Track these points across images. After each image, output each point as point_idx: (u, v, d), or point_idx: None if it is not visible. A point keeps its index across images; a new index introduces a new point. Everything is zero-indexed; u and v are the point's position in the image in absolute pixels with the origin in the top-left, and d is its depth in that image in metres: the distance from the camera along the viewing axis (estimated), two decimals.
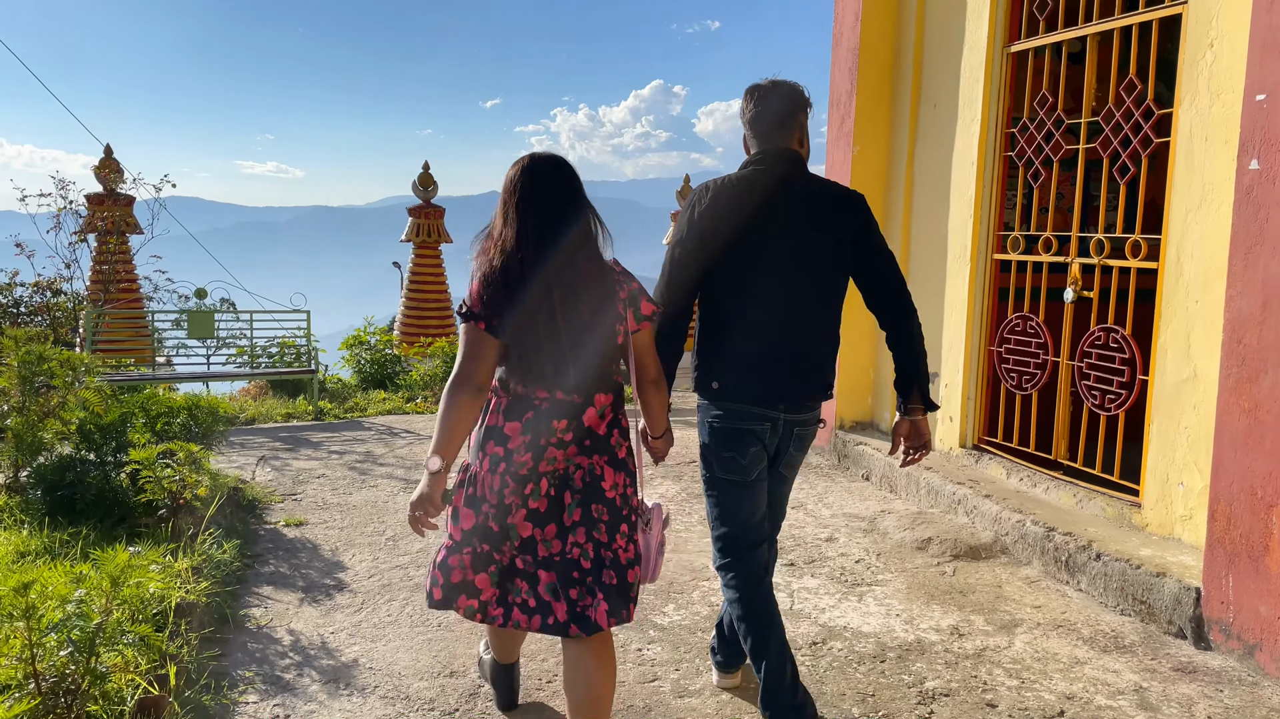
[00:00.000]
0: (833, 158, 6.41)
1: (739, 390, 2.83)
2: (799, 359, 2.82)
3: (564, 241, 2.43)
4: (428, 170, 14.34)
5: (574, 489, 2.51)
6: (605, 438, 2.56)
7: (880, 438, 6.22)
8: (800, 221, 2.79)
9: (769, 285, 2.78)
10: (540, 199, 2.44)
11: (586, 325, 2.45)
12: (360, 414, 8.77)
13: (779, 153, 2.85)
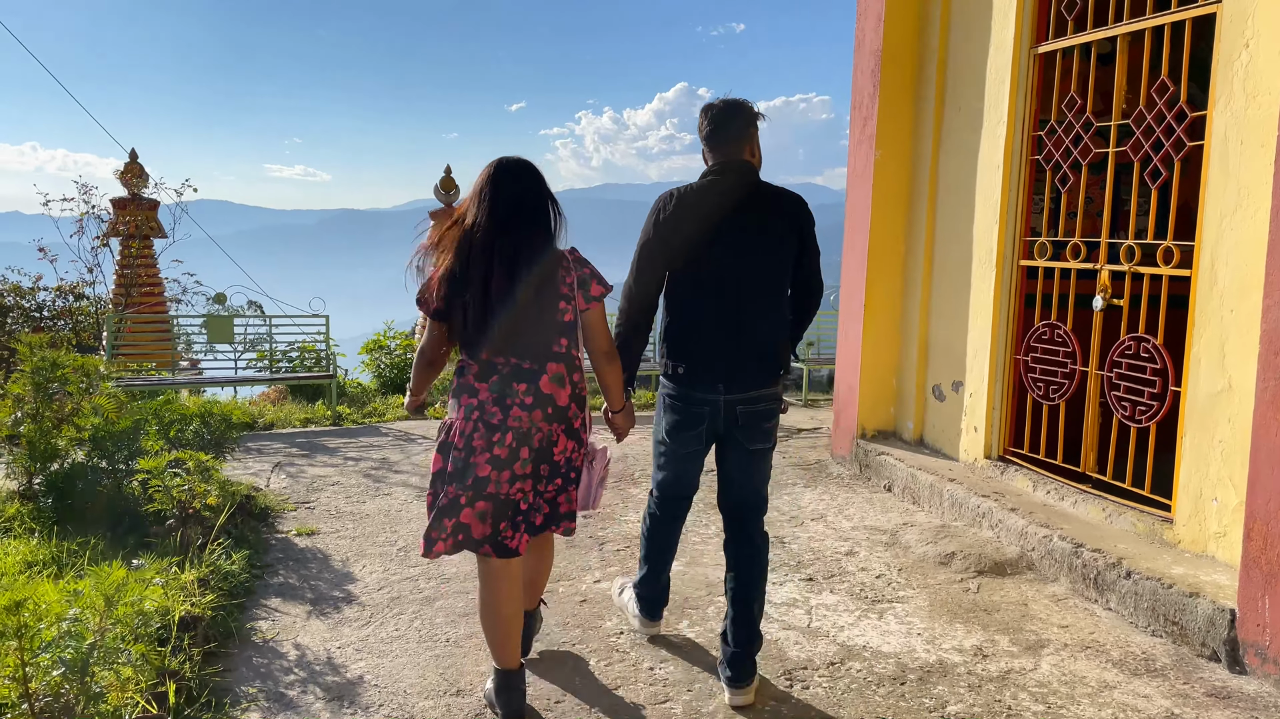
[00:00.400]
0: (855, 161, 6.29)
1: (690, 374, 3.23)
2: (746, 347, 3.19)
3: (519, 230, 2.87)
4: (449, 174, 14.32)
5: (531, 448, 2.94)
6: (564, 408, 2.98)
7: (903, 447, 6.09)
8: (749, 225, 3.18)
9: (720, 281, 3.17)
10: (504, 194, 2.88)
11: (531, 302, 2.86)
12: (378, 419, 8.73)
13: (732, 164, 3.24)
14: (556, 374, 2.95)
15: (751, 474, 3.33)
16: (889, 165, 6.08)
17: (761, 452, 3.32)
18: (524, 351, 2.91)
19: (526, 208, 2.91)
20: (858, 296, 6.23)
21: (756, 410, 3.24)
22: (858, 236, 6.23)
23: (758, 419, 3.26)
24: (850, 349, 6.36)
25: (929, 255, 5.97)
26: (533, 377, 2.92)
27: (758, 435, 3.28)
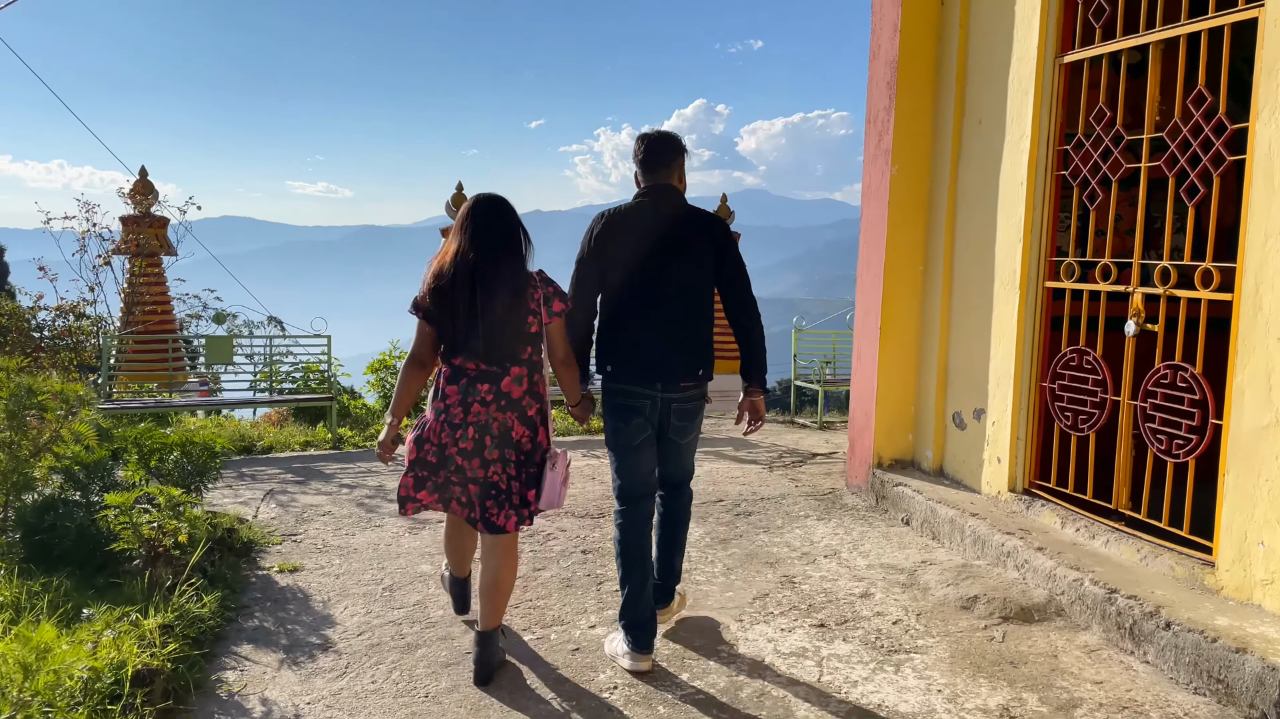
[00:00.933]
0: (870, 177, 6.01)
1: (625, 373, 3.63)
2: (671, 348, 3.60)
3: (493, 255, 3.36)
4: (461, 190, 14.10)
5: (492, 435, 3.41)
6: (518, 400, 3.44)
7: (922, 478, 5.77)
8: (672, 242, 3.59)
9: (648, 291, 3.59)
10: (481, 225, 3.40)
11: (500, 317, 3.34)
12: (365, 447, 8.49)
13: (660, 188, 3.68)
14: (518, 375, 3.46)
15: (680, 460, 3.82)
16: (906, 181, 5.80)
17: (689, 442, 3.80)
18: (493, 358, 3.40)
19: (500, 237, 3.42)
20: (873, 317, 5.94)
21: (685, 408, 3.68)
22: (873, 254, 5.95)
23: (689, 415, 3.71)
24: (865, 372, 6.07)
25: (948, 275, 5.67)
26: (496, 378, 3.42)
27: (688, 429, 3.74)
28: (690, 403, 3.69)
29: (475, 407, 3.40)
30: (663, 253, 3.59)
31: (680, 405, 3.66)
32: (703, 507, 5.94)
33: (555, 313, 3.48)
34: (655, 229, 3.60)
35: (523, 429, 3.49)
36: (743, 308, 3.71)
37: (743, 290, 3.71)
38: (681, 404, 3.66)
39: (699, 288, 3.65)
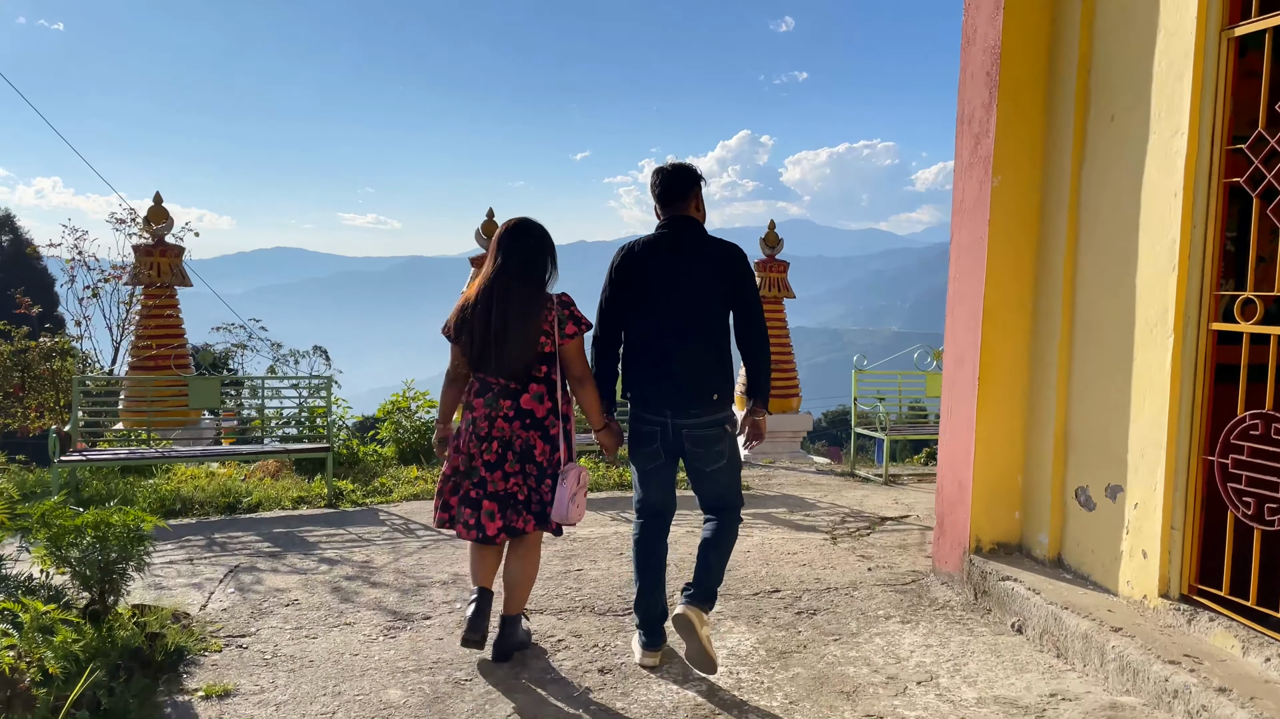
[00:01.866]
0: (963, 191, 4.86)
1: (640, 400, 3.81)
2: (682, 377, 3.71)
3: (510, 278, 3.68)
4: (492, 218, 13.20)
5: (514, 452, 3.74)
6: (541, 419, 3.75)
7: (1036, 569, 4.55)
8: (688, 272, 3.73)
9: (661, 319, 3.74)
10: (503, 250, 3.74)
11: (513, 336, 3.64)
12: (382, 500, 7.43)
13: (677, 220, 3.83)
14: (537, 393, 3.72)
15: (711, 486, 3.90)
16: (1011, 194, 4.63)
17: (717, 471, 3.84)
18: (510, 374, 3.67)
19: (523, 262, 3.70)
20: (969, 365, 4.76)
21: (700, 435, 3.77)
22: (968, 287, 4.78)
23: (704, 443, 3.78)
24: (958, 433, 4.88)
25: (1068, 312, 4.49)
26: (516, 394, 3.69)
27: (708, 457, 3.81)
28: (704, 429, 3.76)
29: (499, 422, 3.70)
30: (676, 282, 3.74)
31: (693, 432, 3.76)
32: (756, 600, 4.77)
33: (567, 335, 3.70)
34: (670, 260, 3.76)
35: (545, 446, 3.75)
36: (750, 335, 3.83)
37: (753, 319, 3.82)
38: (694, 431, 3.76)
39: (712, 316, 3.75)
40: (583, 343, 3.76)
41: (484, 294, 3.65)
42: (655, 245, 3.79)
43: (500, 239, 3.72)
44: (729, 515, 3.91)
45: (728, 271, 3.75)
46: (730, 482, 3.89)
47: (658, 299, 3.74)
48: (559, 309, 3.69)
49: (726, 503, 3.89)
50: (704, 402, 3.73)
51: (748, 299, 3.80)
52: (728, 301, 3.77)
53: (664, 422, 3.76)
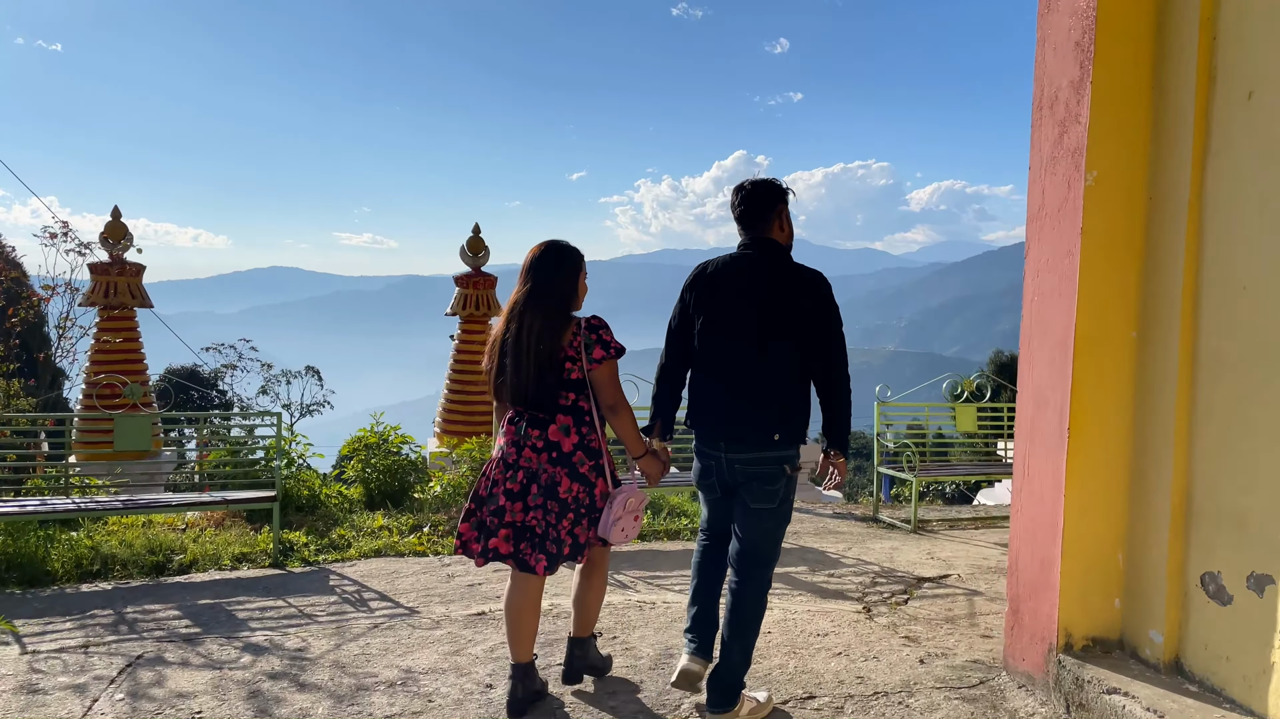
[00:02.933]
0: (1044, 192, 3.87)
1: (699, 429, 3.68)
2: (740, 410, 3.52)
3: (531, 302, 3.52)
4: (478, 234, 12.24)
5: (540, 485, 3.56)
6: (569, 454, 3.55)
7: (1150, 678, 3.51)
8: (758, 300, 3.52)
9: (728, 349, 3.56)
10: (527, 273, 3.58)
11: (536, 362, 3.48)
12: (337, 557, 6.40)
13: (758, 241, 3.62)
14: (564, 424, 3.55)
15: (749, 528, 3.61)
16: (1110, 194, 3.65)
17: (761, 511, 3.59)
18: (535, 403, 3.52)
19: (545, 286, 3.54)
20: (1055, 409, 3.76)
21: (755, 471, 3.55)
22: (1053, 311, 3.79)
23: (758, 480, 3.55)
24: (1040, 495, 3.87)
25: (1189, 346, 3.49)
26: (544, 424, 3.55)
27: (759, 495, 3.57)
28: (760, 467, 3.55)
29: (527, 451, 3.55)
30: (744, 310, 3.53)
31: (747, 468, 3.56)
32: (786, 712, 3.74)
33: (595, 360, 3.51)
34: (741, 285, 3.56)
35: (572, 485, 3.55)
36: (827, 373, 3.56)
37: (830, 356, 3.55)
38: (748, 467, 3.55)
39: (782, 349, 3.51)
40: (614, 368, 3.56)
41: (508, 321, 3.57)
42: (727, 268, 3.61)
43: (526, 264, 3.60)
44: (757, 574, 3.62)
45: (803, 302, 3.49)
46: (770, 529, 3.62)
47: (724, 326, 3.56)
48: (586, 333, 3.52)
49: (758, 555, 3.62)
50: (763, 438, 3.51)
51: (825, 334, 3.51)
52: (801, 334, 3.49)
53: (719, 456, 3.59)
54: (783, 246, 3.63)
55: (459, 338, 12.07)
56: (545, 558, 3.54)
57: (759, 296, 3.49)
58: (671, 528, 7.42)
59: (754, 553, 3.60)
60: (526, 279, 3.56)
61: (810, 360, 3.52)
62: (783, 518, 3.63)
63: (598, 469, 3.59)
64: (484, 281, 11.97)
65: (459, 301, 11.97)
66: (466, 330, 11.97)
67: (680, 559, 6.41)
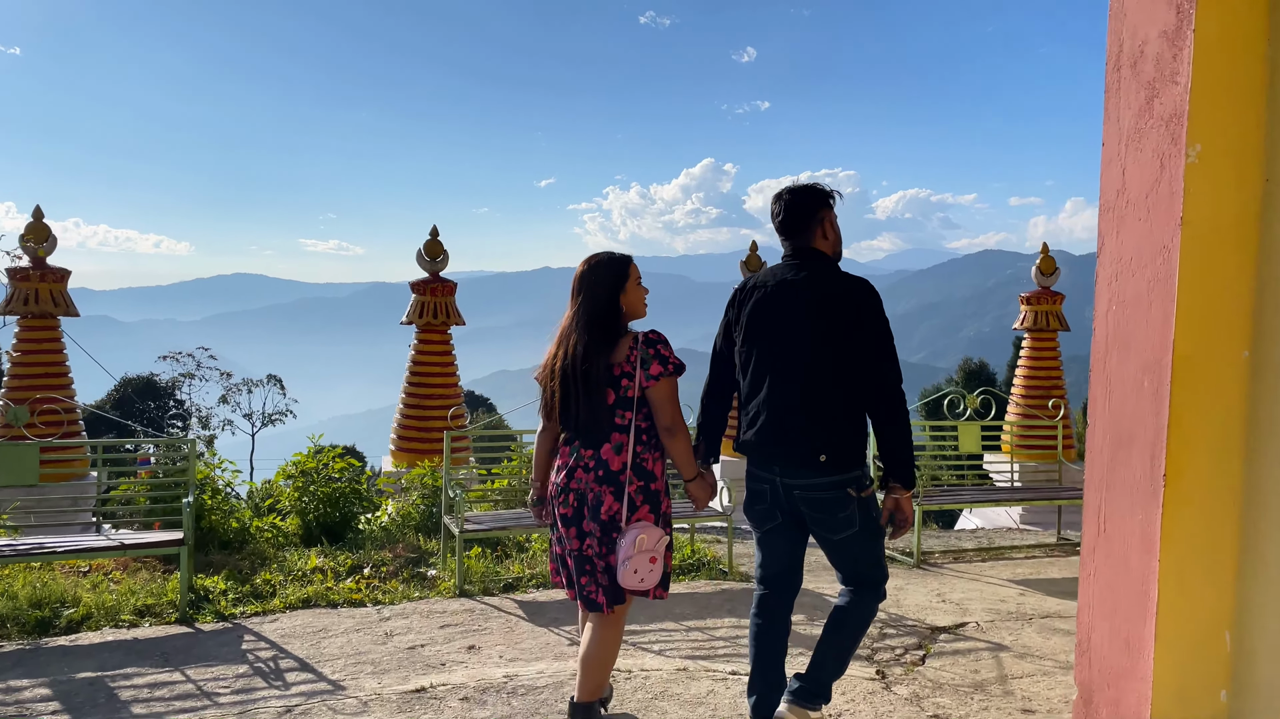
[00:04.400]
0: (1126, 171, 3.06)
1: (750, 453, 3.42)
2: (789, 431, 3.26)
3: (583, 320, 3.37)
4: (436, 237, 11.34)
5: (589, 506, 3.35)
6: (617, 473, 3.35)
7: None
8: (800, 313, 3.30)
9: (772, 367, 3.34)
10: (576, 290, 3.45)
11: (592, 378, 3.32)
12: (259, 609, 5.48)
13: (799, 252, 3.43)
14: (618, 443, 3.35)
15: (840, 559, 3.41)
16: (1218, 175, 2.85)
17: (845, 540, 3.33)
18: (589, 421, 3.34)
19: (590, 303, 3.38)
20: (1143, 449, 2.94)
21: (815, 498, 3.27)
22: (1138, 324, 2.98)
23: (822, 507, 3.28)
24: (1123, 558, 3.05)
25: None
26: (598, 443, 3.36)
27: (832, 524, 3.30)
28: (819, 492, 3.28)
29: (579, 472, 3.38)
30: (786, 325, 3.33)
31: (806, 494, 3.30)
32: None
33: (653, 376, 3.34)
34: (782, 298, 3.36)
35: (614, 504, 3.33)
36: (877, 393, 3.29)
37: (879, 373, 3.27)
38: (807, 493, 3.29)
39: (827, 366, 3.25)
40: (672, 386, 3.40)
41: (559, 343, 3.44)
42: (769, 282, 3.43)
43: (576, 278, 3.48)
44: (866, 593, 3.43)
45: (846, 314, 3.28)
46: (863, 553, 3.40)
47: (767, 342, 3.38)
48: (642, 348, 3.36)
49: (864, 580, 3.42)
50: (813, 461, 3.26)
51: (871, 349, 3.27)
52: (849, 349, 3.27)
53: (773, 479, 3.36)
54: (827, 256, 3.42)
55: (415, 347, 11.19)
56: (605, 594, 3.37)
57: (803, 310, 3.29)
58: None
59: (859, 580, 3.42)
60: (574, 297, 3.43)
61: (860, 377, 3.27)
62: (871, 534, 3.37)
63: (647, 493, 3.37)
64: (442, 288, 11.08)
65: (416, 309, 11.07)
66: (424, 340, 11.09)
67: (661, 609, 5.56)
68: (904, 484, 3.35)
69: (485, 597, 5.79)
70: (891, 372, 3.28)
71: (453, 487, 6.04)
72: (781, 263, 3.46)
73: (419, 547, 6.88)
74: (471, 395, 69.44)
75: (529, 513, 6.32)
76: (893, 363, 3.29)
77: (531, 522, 6.06)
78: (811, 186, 3.44)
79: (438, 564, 6.41)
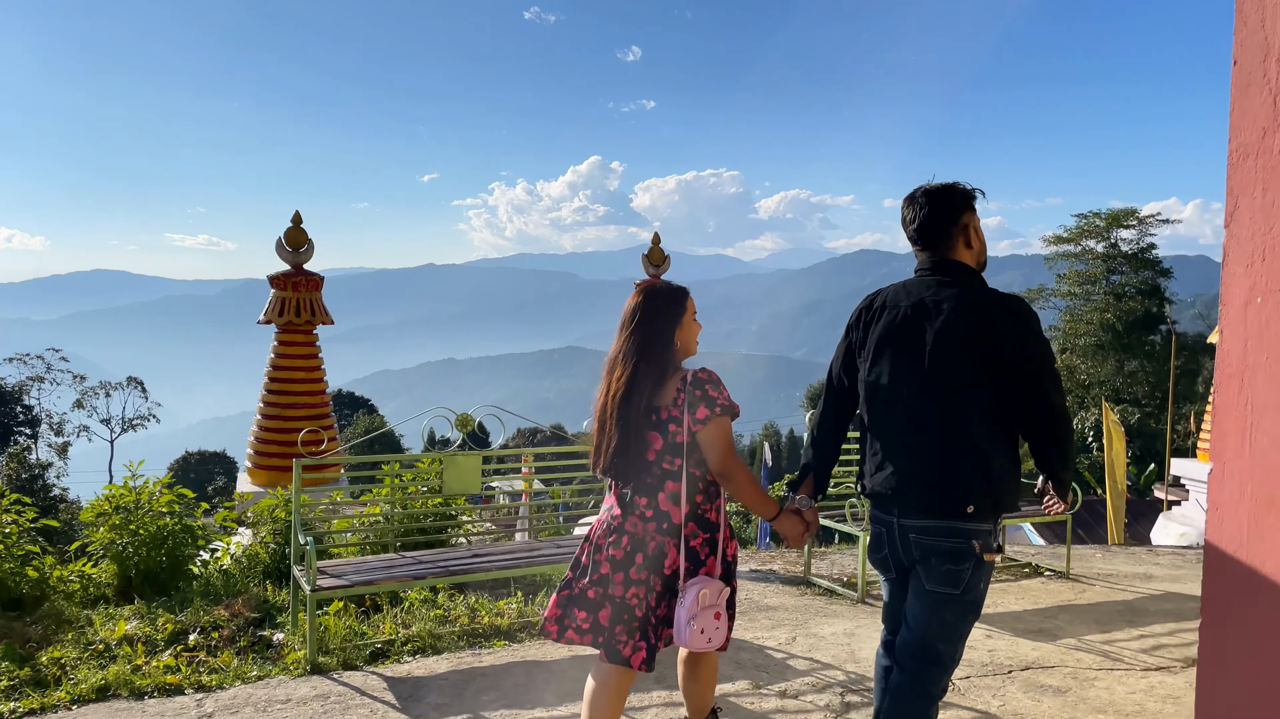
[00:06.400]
0: (1271, 113, 2.10)
1: (871, 492, 3.04)
2: (914, 469, 2.89)
3: (630, 361, 3.12)
4: (299, 224, 9.87)
5: (646, 554, 3.07)
6: (679, 526, 3.09)
7: None
8: (935, 335, 2.87)
9: (897, 395, 2.93)
10: (624, 325, 3.22)
11: (636, 422, 3.06)
12: (34, 705, 4.10)
13: (938, 264, 3.00)
14: (673, 492, 3.08)
15: (922, 617, 2.95)
16: None
17: (940, 596, 2.90)
18: (634, 470, 3.10)
19: (639, 341, 3.14)
20: None
21: (931, 544, 2.89)
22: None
23: (934, 554, 2.89)
24: (1272, 658, 2.09)
25: None
26: (651, 492, 3.10)
27: (936, 574, 2.90)
28: (938, 538, 2.86)
29: (634, 518, 3.12)
30: (918, 347, 2.90)
31: (923, 539, 2.89)
32: None
33: (700, 420, 3.05)
34: (917, 319, 2.92)
35: (678, 557, 3.10)
36: (1042, 421, 2.85)
37: (1038, 403, 2.82)
38: (924, 538, 2.89)
39: (962, 396, 2.83)
40: (723, 428, 3.07)
41: (607, 378, 3.19)
42: (900, 299, 3.00)
43: (630, 309, 3.23)
44: (923, 674, 2.92)
45: (994, 339, 2.80)
46: (950, 623, 2.91)
47: (893, 366, 2.94)
48: (690, 389, 3.06)
49: (928, 650, 2.92)
50: (940, 505, 2.85)
51: (1032, 375, 2.81)
52: (999, 377, 2.80)
53: (891, 521, 2.97)
54: (970, 269, 3.01)
55: (275, 349, 9.74)
56: (646, 649, 3.09)
57: (940, 332, 2.87)
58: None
59: (923, 647, 2.95)
60: (624, 328, 3.22)
61: (1014, 408, 2.87)
62: (967, 609, 2.93)
63: (711, 545, 3.17)
64: (307, 282, 9.63)
65: (275, 306, 9.60)
66: (285, 342, 9.65)
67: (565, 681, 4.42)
68: (1061, 496, 3.00)
69: (346, 672, 4.55)
70: (1049, 400, 2.83)
71: (304, 530, 4.76)
72: (915, 277, 3.03)
73: (266, 599, 5.55)
74: (352, 396, 66.54)
75: (405, 559, 5.18)
76: (1055, 387, 2.85)
77: (407, 572, 4.84)
78: (951, 187, 3.01)
79: (286, 624, 5.12)
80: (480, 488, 5.61)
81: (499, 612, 5.42)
